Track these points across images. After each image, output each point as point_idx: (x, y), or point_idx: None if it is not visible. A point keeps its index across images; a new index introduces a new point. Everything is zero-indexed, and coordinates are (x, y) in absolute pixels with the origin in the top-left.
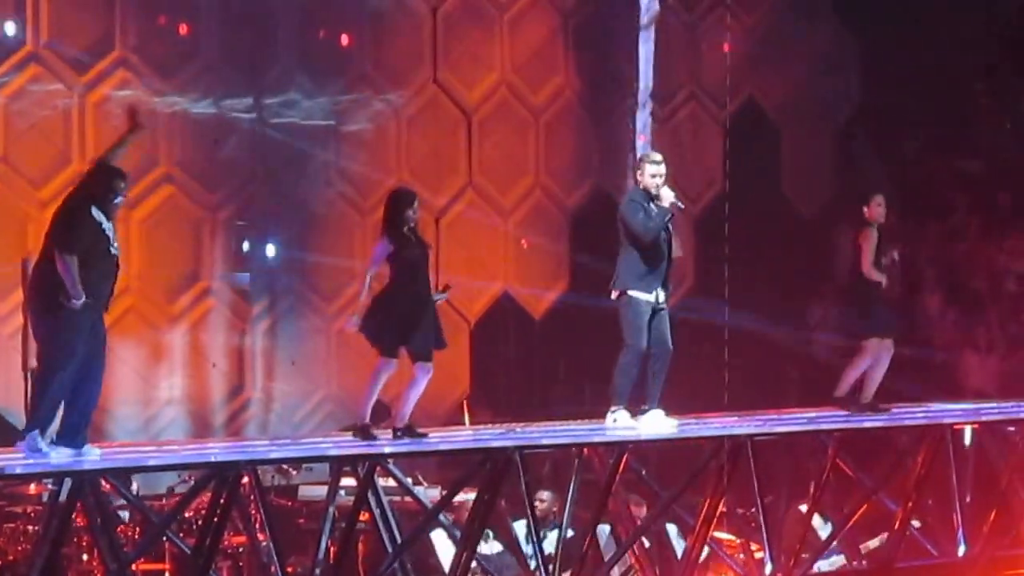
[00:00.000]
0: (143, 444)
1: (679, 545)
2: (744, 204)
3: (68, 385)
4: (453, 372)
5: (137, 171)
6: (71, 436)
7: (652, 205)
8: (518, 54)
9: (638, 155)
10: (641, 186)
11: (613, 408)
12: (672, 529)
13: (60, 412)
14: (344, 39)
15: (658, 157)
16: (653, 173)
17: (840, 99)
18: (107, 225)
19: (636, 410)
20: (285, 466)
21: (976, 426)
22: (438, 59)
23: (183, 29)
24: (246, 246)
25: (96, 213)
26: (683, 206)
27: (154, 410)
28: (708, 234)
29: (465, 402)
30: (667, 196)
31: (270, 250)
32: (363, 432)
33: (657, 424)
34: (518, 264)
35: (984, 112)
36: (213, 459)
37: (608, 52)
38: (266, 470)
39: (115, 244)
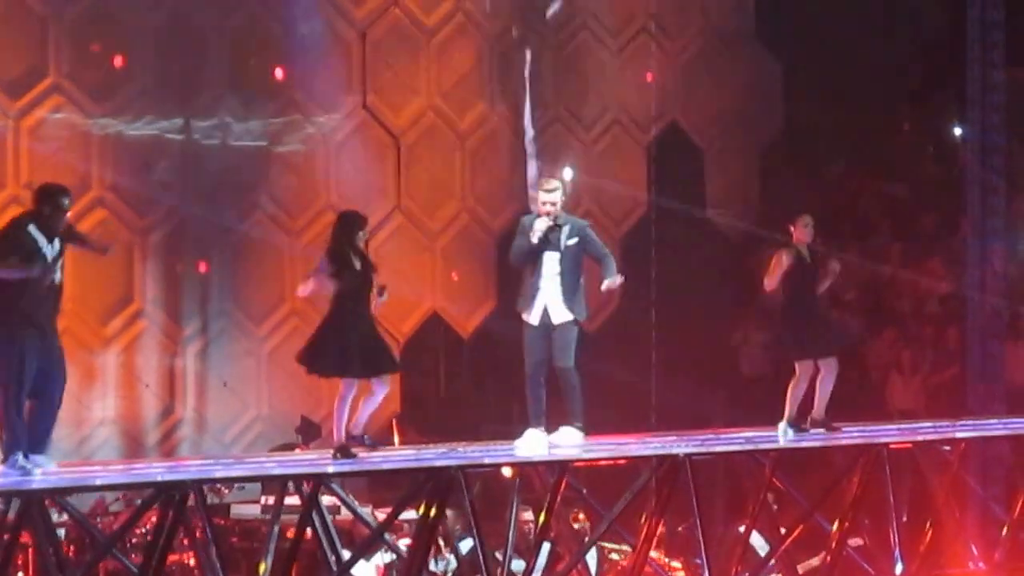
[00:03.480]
0: (81, 464)
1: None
2: (669, 227)
3: (22, 403)
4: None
5: (74, 195)
6: (36, 444)
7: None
8: (445, 79)
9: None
10: (536, 211)
11: (531, 429)
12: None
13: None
14: (274, 65)
15: (552, 182)
16: (543, 200)
17: (763, 123)
18: (47, 247)
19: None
20: (219, 485)
21: (911, 445)
22: (367, 84)
23: (115, 56)
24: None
25: (35, 233)
26: (538, 235)
27: (87, 430)
28: (634, 256)
29: (394, 421)
30: (538, 227)
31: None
32: (343, 451)
33: (532, 443)
34: (447, 285)
35: (907, 136)
36: (160, 479)
37: (533, 77)
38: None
39: (54, 266)
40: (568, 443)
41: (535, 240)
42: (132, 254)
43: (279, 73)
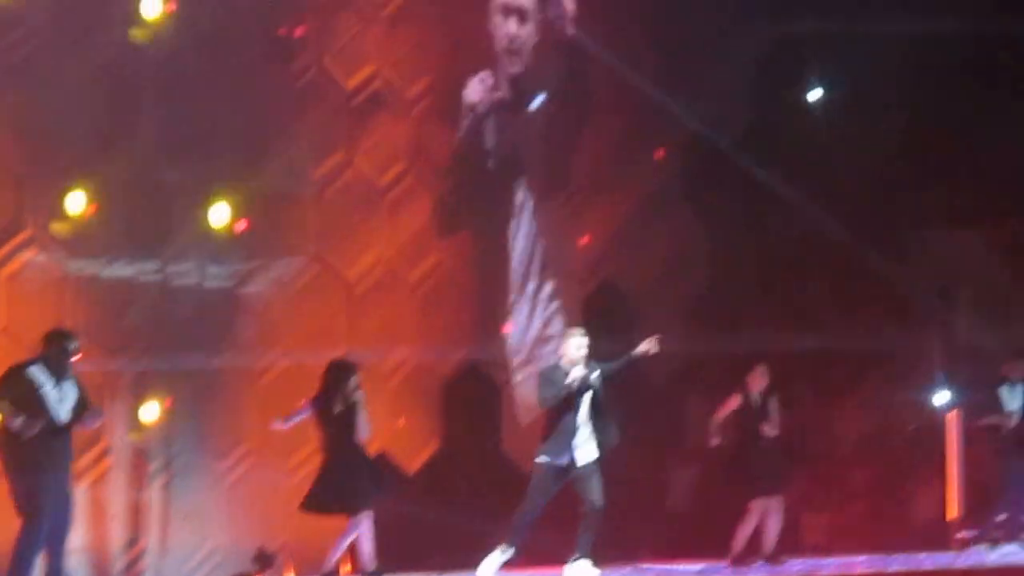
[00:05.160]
0: None
1: None
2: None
3: (40, 544)
4: (335, 523)
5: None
6: None
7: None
8: (397, 233)
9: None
10: (565, 359)
11: (504, 547)
12: None
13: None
14: (237, 218)
15: (581, 332)
16: (578, 345)
17: (689, 281)
18: (51, 391)
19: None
20: None
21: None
22: (322, 238)
23: (88, 207)
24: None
25: (35, 374)
26: (578, 382)
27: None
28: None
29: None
30: (574, 374)
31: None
32: None
33: (583, 573)
34: (394, 428)
35: (816, 294)
36: None
37: (481, 232)
38: None
39: (58, 412)
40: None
41: (575, 387)
42: (102, 393)
43: (243, 226)
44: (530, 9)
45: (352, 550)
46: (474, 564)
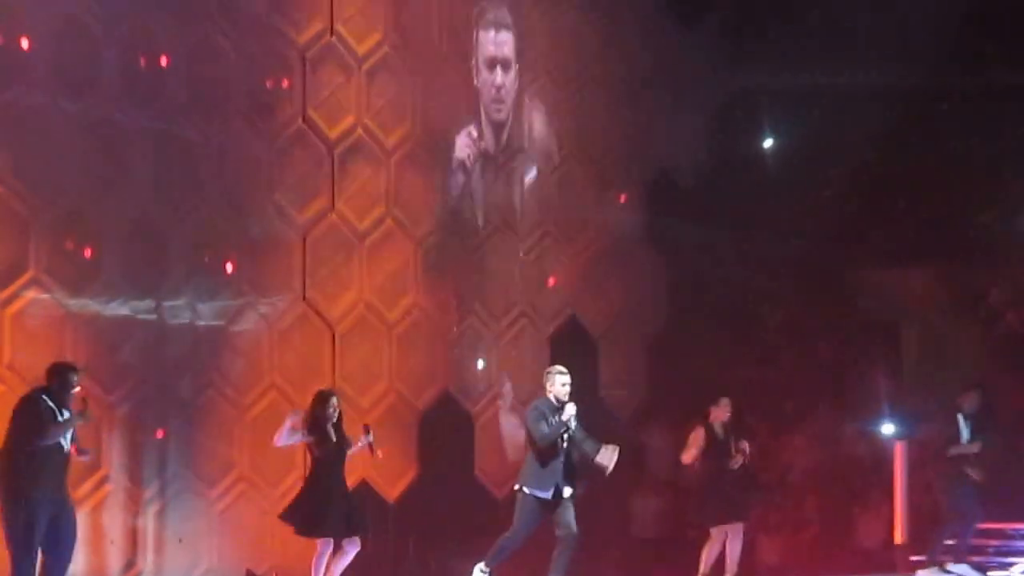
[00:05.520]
0: None
1: None
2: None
3: (35, 558)
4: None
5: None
6: None
7: (554, 416)
8: (375, 276)
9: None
10: (551, 395)
11: (483, 566)
12: None
13: None
14: (227, 262)
15: (564, 369)
16: (563, 383)
17: (650, 318)
18: (60, 417)
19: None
20: None
21: None
22: (306, 279)
23: (87, 250)
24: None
25: (48, 403)
26: (573, 427)
27: None
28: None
29: None
30: (569, 411)
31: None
32: None
33: None
34: (375, 458)
35: (770, 331)
36: None
37: (454, 275)
38: None
39: (66, 438)
40: None
41: (573, 424)
42: (100, 425)
43: (229, 267)
44: (512, 58)
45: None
46: None
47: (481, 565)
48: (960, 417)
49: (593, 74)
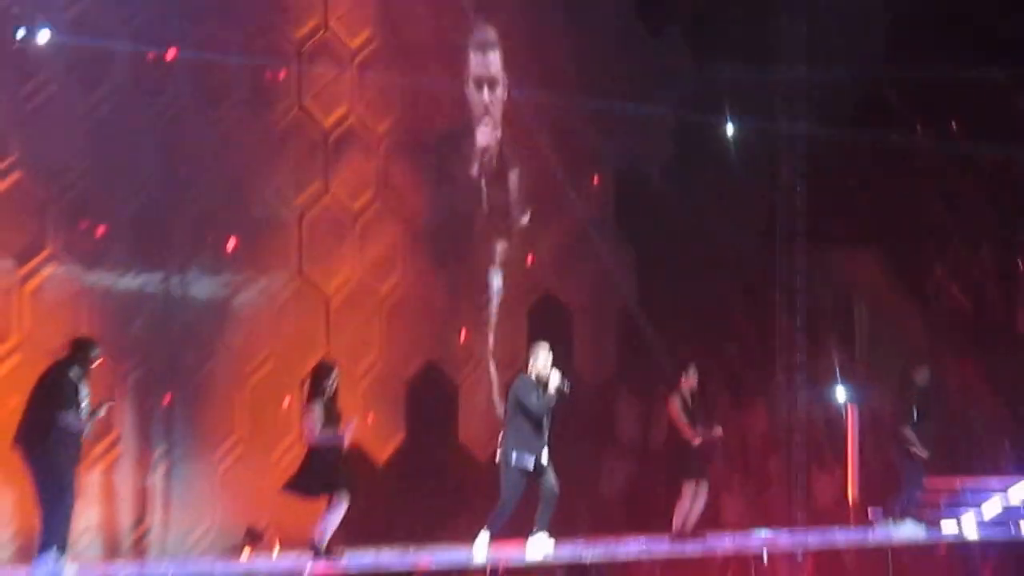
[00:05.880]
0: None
1: None
2: None
3: (67, 513)
4: (315, 505)
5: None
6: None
7: (540, 389)
8: (367, 252)
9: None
10: (533, 372)
11: (484, 531)
12: None
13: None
14: (228, 241)
15: (547, 346)
16: (545, 363)
17: (620, 294)
18: (82, 390)
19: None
20: None
21: (772, 550)
22: (303, 257)
23: (100, 229)
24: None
25: (74, 376)
26: (567, 390)
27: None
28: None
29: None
30: (555, 380)
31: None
32: (325, 553)
33: (542, 545)
34: (364, 422)
35: (734, 307)
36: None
37: (440, 254)
38: None
39: (83, 406)
40: (546, 548)
41: (564, 388)
42: (113, 392)
43: (231, 246)
44: (499, 76)
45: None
46: (434, 539)
47: (484, 531)
48: (913, 390)
49: (568, 72)
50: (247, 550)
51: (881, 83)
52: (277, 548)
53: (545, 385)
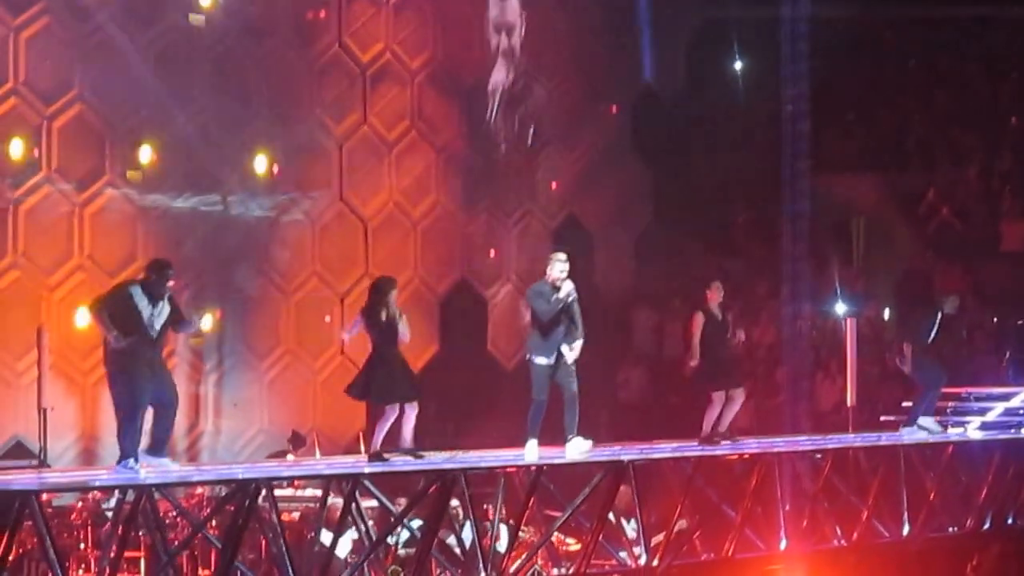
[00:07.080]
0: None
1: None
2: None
3: (138, 425)
4: (353, 412)
5: (124, 264)
6: (157, 448)
7: (553, 295)
8: (402, 178)
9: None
10: (549, 278)
11: (527, 439)
12: None
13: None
14: (274, 166)
15: (563, 256)
16: (561, 269)
17: (637, 216)
18: (147, 308)
19: (544, 439)
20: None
21: (794, 452)
22: (343, 182)
23: (156, 156)
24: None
25: (137, 296)
26: (573, 297)
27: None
28: None
29: (361, 434)
30: (566, 288)
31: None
32: (376, 457)
33: (579, 446)
34: None
35: (743, 226)
36: (240, 476)
37: (470, 178)
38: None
39: (152, 325)
40: (584, 448)
41: (570, 299)
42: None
43: (276, 170)
44: (516, 23)
45: (390, 432)
46: (463, 445)
47: (529, 438)
48: (938, 313)
49: (586, 5)
50: (291, 454)
51: (877, 21)
52: (318, 451)
53: (558, 291)
